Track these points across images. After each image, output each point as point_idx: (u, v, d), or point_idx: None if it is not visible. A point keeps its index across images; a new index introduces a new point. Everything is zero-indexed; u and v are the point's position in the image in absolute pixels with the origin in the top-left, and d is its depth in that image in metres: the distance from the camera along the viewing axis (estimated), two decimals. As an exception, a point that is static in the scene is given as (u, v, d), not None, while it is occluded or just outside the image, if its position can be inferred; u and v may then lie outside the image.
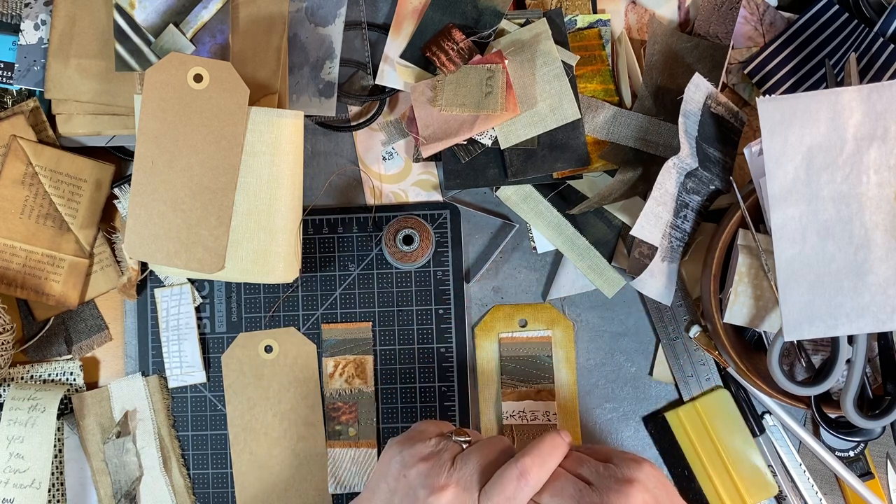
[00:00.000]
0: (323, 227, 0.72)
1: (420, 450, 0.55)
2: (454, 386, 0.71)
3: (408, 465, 0.54)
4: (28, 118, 0.68)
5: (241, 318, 0.72)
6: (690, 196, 0.67)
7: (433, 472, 0.54)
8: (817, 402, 0.66)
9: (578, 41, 0.70)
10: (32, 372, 0.71)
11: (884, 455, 0.71)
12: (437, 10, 0.69)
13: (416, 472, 0.54)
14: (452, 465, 0.54)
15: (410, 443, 0.56)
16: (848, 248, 0.60)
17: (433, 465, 0.54)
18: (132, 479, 0.70)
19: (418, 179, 0.73)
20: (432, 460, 0.54)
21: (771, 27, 0.72)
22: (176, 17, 0.66)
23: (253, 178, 0.62)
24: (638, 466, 0.52)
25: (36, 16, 0.68)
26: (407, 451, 0.55)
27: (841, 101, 0.59)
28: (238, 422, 0.71)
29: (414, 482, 0.54)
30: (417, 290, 0.72)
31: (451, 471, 0.54)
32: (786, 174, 0.60)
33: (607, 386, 0.72)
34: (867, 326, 0.60)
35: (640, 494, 0.50)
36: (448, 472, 0.53)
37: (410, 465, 0.54)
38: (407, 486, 0.54)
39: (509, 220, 0.72)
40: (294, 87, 0.70)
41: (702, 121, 0.66)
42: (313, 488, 0.71)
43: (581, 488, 0.51)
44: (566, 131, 0.68)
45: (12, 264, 0.68)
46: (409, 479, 0.54)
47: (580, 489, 0.51)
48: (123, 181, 0.71)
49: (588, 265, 0.71)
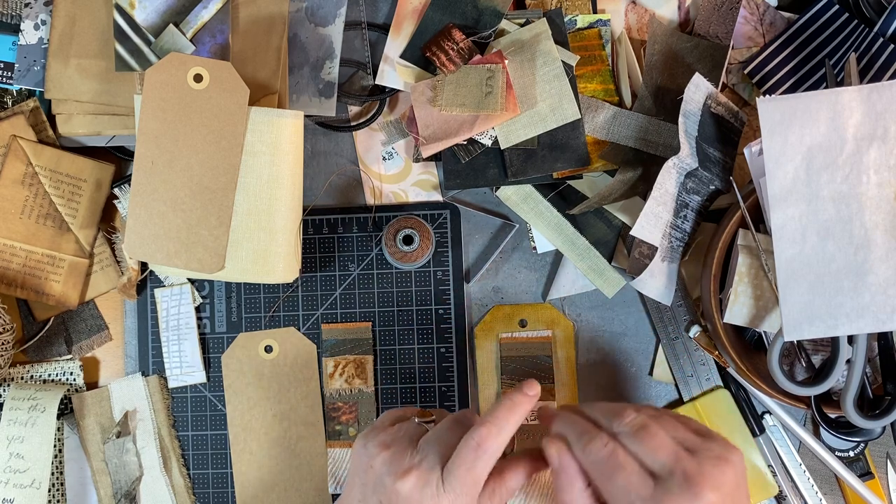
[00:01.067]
0: (323, 227, 0.72)
1: (382, 438, 0.55)
2: (454, 386, 0.71)
3: (372, 455, 0.55)
4: (28, 118, 0.68)
5: (241, 318, 0.72)
6: (690, 196, 0.67)
7: (395, 457, 0.54)
8: (817, 402, 0.66)
9: (578, 41, 0.70)
10: (32, 372, 0.71)
11: (884, 455, 0.71)
12: (437, 10, 0.69)
13: (381, 460, 0.54)
14: (415, 449, 0.54)
15: (374, 433, 0.56)
16: (848, 248, 0.60)
17: (395, 450, 0.54)
18: (132, 479, 0.70)
19: (418, 179, 0.73)
20: (394, 446, 0.54)
21: (771, 27, 0.72)
22: (176, 17, 0.66)
23: (253, 178, 0.62)
24: (733, 449, 0.52)
25: (36, 16, 0.68)
26: (371, 442, 0.55)
27: (841, 101, 0.59)
28: (238, 422, 0.71)
29: (380, 471, 0.54)
30: (417, 290, 0.72)
31: (414, 453, 0.53)
32: (786, 174, 0.60)
33: (607, 386, 0.72)
34: (867, 326, 0.60)
35: (733, 475, 0.50)
36: (410, 456, 0.53)
37: (374, 454, 0.54)
38: (374, 475, 0.54)
39: (509, 220, 0.72)
40: (294, 87, 0.70)
41: (702, 121, 0.66)
42: (313, 488, 0.71)
43: (680, 452, 0.50)
44: (566, 131, 0.68)
45: (12, 264, 0.68)
46: (375, 468, 0.54)
47: (678, 452, 0.50)
48: (123, 181, 0.71)
49: (588, 265, 0.71)
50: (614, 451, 0.50)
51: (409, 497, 0.52)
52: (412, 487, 0.52)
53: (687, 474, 0.49)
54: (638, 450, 0.51)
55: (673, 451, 0.50)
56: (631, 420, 0.52)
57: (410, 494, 0.52)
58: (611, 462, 0.50)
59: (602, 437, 0.51)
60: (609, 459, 0.50)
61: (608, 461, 0.50)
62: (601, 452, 0.51)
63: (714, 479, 0.49)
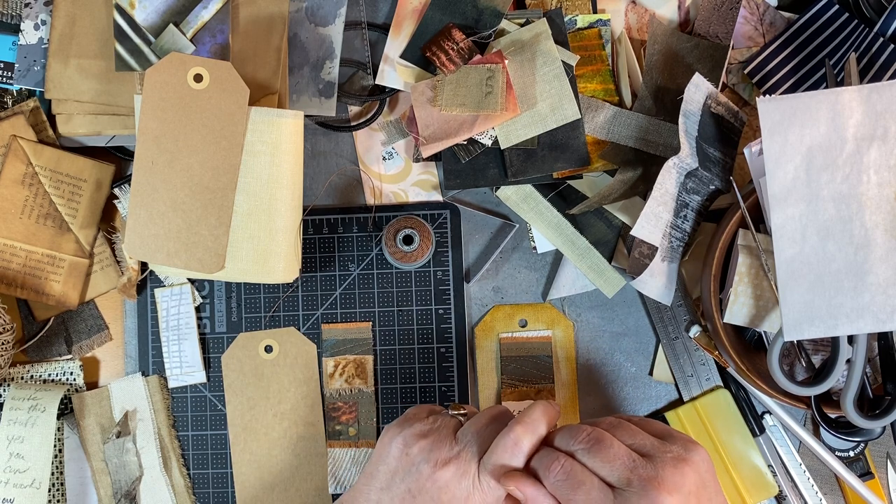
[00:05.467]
0: (323, 227, 0.72)
1: (419, 428, 0.57)
2: (454, 386, 0.71)
3: (409, 443, 0.56)
4: (28, 118, 0.68)
5: (241, 318, 0.72)
6: (690, 196, 0.67)
7: (435, 446, 0.55)
8: (817, 402, 0.66)
9: (578, 41, 0.70)
10: (32, 372, 0.71)
11: (884, 455, 0.71)
12: (437, 10, 0.69)
13: (419, 448, 0.55)
14: (454, 440, 0.55)
15: (409, 423, 0.58)
16: (848, 248, 0.60)
17: (434, 440, 0.55)
18: (132, 479, 0.70)
19: (418, 179, 0.73)
20: (432, 436, 0.56)
21: (771, 27, 0.72)
22: (176, 17, 0.66)
23: (253, 178, 0.62)
24: (694, 448, 0.52)
25: (36, 16, 0.68)
26: (407, 431, 0.57)
27: (841, 101, 0.59)
28: (238, 422, 0.71)
29: (416, 458, 0.55)
30: (417, 290, 0.72)
31: (453, 445, 0.55)
32: (786, 174, 0.60)
33: (607, 386, 0.72)
34: (867, 326, 0.60)
35: (694, 475, 0.50)
36: (449, 447, 0.55)
37: (412, 443, 0.56)
38: (409, 463, 0.55)
39: (509, 220, 0.72)
40: (294, 87, 0.70)
41: (702, 121, 0.66)
42: (313, 488, 0.71)
43: (635, 459, 0.51)
44: (566, 131, 0.68)
45: (12, 264, 0.68)
46: (411, 456, 0.55)
47: (634, 460, 0.51)
48: (123, 181, 0.71)
49: (588, 265, 0.71)
50: (572, 469, 0.51)
51: (446, 486, 0.54)
52: (451, 477, 0.54)
53: (643, 480, 0.49)
54: (594, 464, 0.51)
55: (628, 460, 0.51)
56: (585, 436, 0.53)
57: (448, 483, 0.54)
58: (570, 481, 0.51)
59: (559, 458, 0.52)
60: (568, 478, 0.51)
61: (567, 480, 0.51)
62: (559, 473, 0.52)
63: (673, 482, 0.49)
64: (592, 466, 0.52)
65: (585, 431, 0.53)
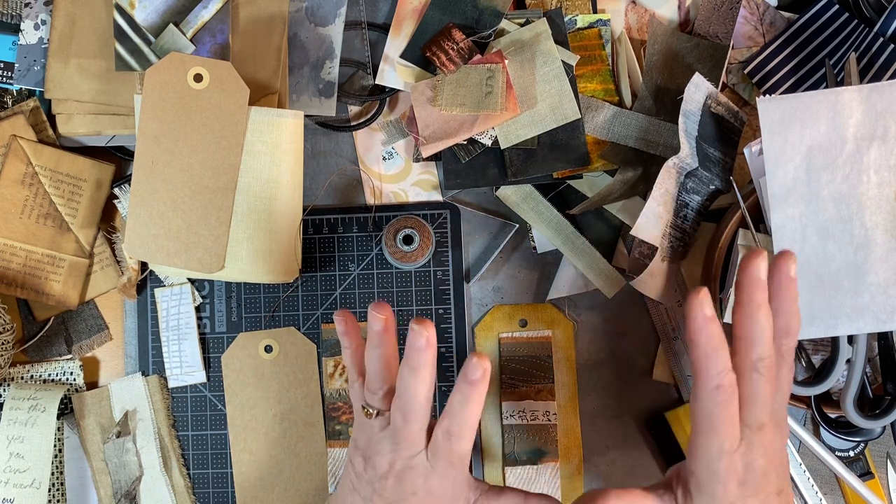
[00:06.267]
0: (323, 227, 0.72)
1: (358, 442, 0.59)
2: (454, 386, 0.71)
3: (355, 463, 0.58)
4: (28, 118, 0.68)
5: (241, 318, 0.72)
6: (690, 196, 0.67)
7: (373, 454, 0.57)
8: (817, 402, 0.66)
9: (578, 41, 0.70)
10: (32, 372, 0.71)
11: (884, 455, 0.71)
12: (437, 10, 0.69)
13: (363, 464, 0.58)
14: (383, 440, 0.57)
15: (353, 442, 0.59)
16: (848, 247, 0.60)
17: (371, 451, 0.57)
18: (132, 479, 0.70)
19: (418, 179, 0.73)
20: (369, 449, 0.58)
21: (771, 27, 0.72)
22: (176, 16, 0.66)
23: (253, 178, 0.62)
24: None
25: (36, 16, 0.68)
26: (351, 449, 0.59)
27: (841, 101, 0.59)
28: (238, 422, 0.71)
29: (366, 476, 0.57)
30: (417, 290, 0.72)
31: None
32: (786, 174, 0.60)
33: (607, 386, 0.72)
34: (867, 326, 0.60)
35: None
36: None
37: (356, 459, 0.58)
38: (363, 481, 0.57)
39: (509, 220, 0.72)
40: (294, 87, 0.70)
41: (702, 121, 0.66)
42: (313, 488, 0.71)
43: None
44: (566, 131, 0.68)
45: (12, 264, 0.68)
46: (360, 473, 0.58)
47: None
48: (123, 181, 0.71)
49: (588, 265, 0.71)
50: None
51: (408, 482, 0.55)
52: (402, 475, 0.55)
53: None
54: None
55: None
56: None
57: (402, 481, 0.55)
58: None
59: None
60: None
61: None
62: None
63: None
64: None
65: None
